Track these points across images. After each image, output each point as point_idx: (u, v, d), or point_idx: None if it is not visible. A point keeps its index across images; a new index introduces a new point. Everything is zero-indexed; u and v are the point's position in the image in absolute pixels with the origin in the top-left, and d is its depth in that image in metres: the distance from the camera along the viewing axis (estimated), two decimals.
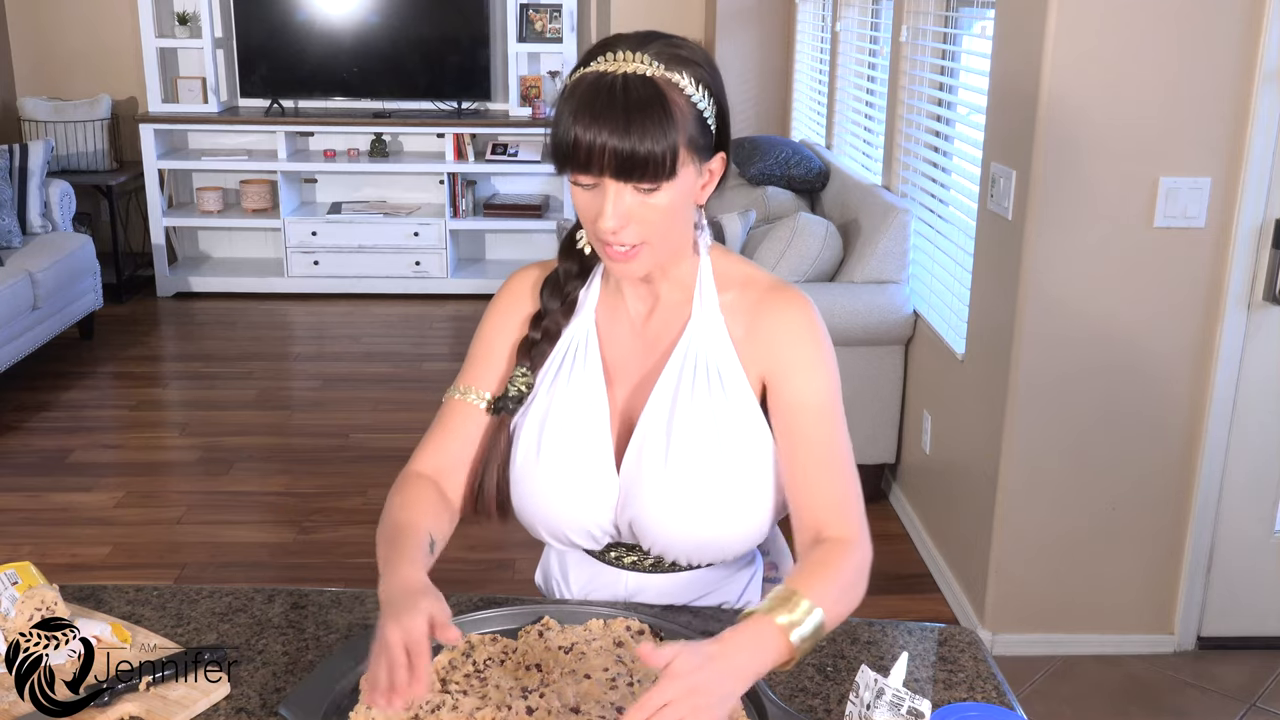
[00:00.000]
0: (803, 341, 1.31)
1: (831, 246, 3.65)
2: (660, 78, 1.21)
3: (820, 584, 1.19)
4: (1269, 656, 2.93)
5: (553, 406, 1.35)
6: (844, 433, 1.32)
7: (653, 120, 1.18)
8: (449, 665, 1.22)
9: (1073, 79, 2.57)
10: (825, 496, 1.29)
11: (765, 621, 1.14)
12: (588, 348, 1.36)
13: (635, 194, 1.21)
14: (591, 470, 1.33)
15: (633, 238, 1.23)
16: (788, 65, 5.80)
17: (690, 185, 1.25)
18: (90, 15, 6.17)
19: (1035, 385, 2.76)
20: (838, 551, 1.25)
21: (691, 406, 1.30)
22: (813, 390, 1.30)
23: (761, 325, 1.32)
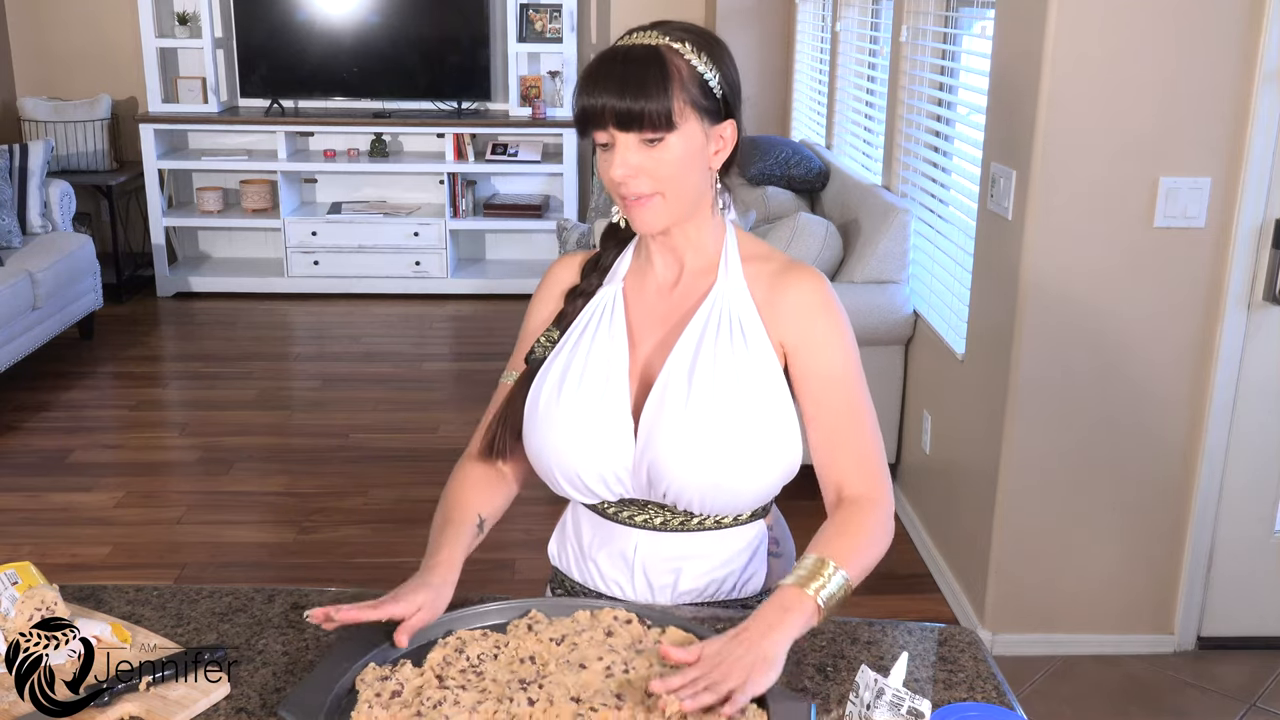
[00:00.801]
0: (820, 316, 1.40)
1: (831, 246, 3.65)
2: (662, 45, 1.34)
3: (841, 545, 1.31)
4: (1269, 656, 2.93)
5: (575, 359, 1.43)
6: (864, 396, 1.41)
7: (649, 77, 1.31)
8: (443, 662, 1.22)
9: (1073, 79, 2.57)
10: (845, 457, 1.39)
11: (787, 589, 1.25)
12: (614, 309, 1.45)
13: (641, 147, 1.32)
14: (609, 415, 1.40)
15: (645, 187, 1.34)
16: (788, 65, 5.80)
17: (698, 144, 1.35)
18: (90, 15, 6.18)
19: (1035, 385, 2.76)
20: (857, 511, 1.36)
21: (714, 355, 1.38)
22: (832, 362, 1.39)
23: (781, 298, 1.41)
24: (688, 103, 1.32)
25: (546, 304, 1.51)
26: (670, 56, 1.32)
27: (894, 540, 1.42)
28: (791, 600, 1.23)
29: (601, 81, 1.32)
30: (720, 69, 1.36)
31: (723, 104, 1.36)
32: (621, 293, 1.46)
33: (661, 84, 1.31)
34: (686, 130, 1.33)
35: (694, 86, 1.33)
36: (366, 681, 1.17)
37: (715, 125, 1.36)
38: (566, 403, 1.40)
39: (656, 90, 1.30)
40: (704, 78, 1.34)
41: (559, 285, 1.51)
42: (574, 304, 1.47)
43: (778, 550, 1.54)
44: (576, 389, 1.40)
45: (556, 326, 1.47)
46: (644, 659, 1.22)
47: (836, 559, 1.28)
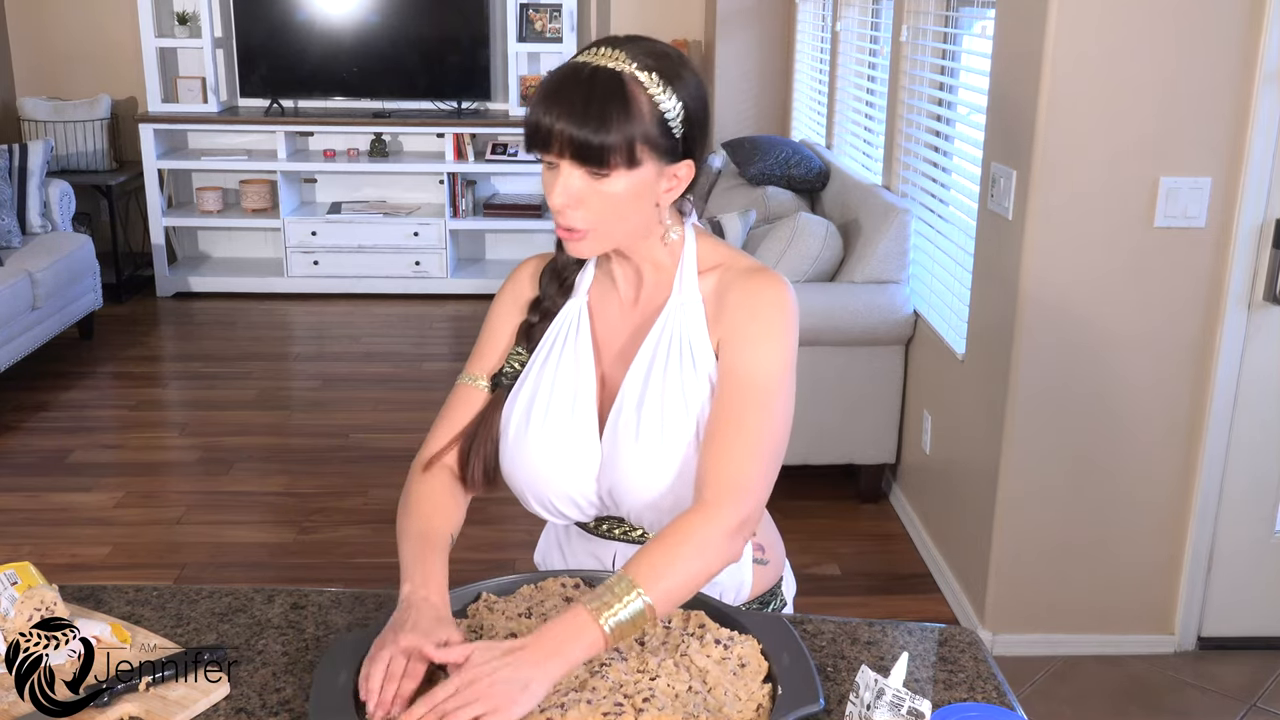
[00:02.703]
0: (760, 316, 1.34)
1: (831, 246, 3.65)
2: (628, 74, 1.27)
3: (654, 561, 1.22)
4: (1269, 656, 2.93)
5: (543, 380, 1.41)
6: (769, 408, 1.31)
7: (610, 111, 1.25)
8: None
9: (1073, 79, 2.57)
10: (716, 460, 1.29)
11: (577, 610, 1.17)
12: (579, 326, 1.42)
13: (586, 178, 1.27)
14: (576, 439, 1.38)
15: (579, 222, 1.30)
16: (788, 65, 5.79)
17: (647, 183, 1.30)
18: (90, 15, 6.17)
19: (1035, 385, 2.76)
20: (691, 521, 1.26)
21: (664, 381, 1.35)
22: (748, 362, 1.33)
23: (728, 296, 1.36)
24: (644, 141, 1.26)
25: (510, 313, 1.48)
26: (634, 89, 1.26)
27: (894, 540, 1.41)
28: (579, 628, 1.16)
29: (562, 103, 1.25)
30: (684, 102, 1.30)
31: (681, 143, 1.30)
32: (586, 308, 1.43)
33: (620, 119, 1.25)
34: (639, 170, 1.28)
35: (653, 125, 1.27)
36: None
37: (670, 164, 1.31)
38: (535, 429, 1.39)
39: (617, 125, 1.24)
40: (665, 116, 1.28)
41: (525, 293, 1.48)
42: (540, 321, 1.44)
43: (763, 557, 1.51)
44: (544, 415, 1.39)
45: (524, 342, 1.45)
46: None
47: (642, 581, 1.19)
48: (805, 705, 1.13)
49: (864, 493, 3.79)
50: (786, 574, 1.60)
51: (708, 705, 1.14)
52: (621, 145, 1.25)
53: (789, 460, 3.75)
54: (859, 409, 3.63)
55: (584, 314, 1.43)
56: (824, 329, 3.50)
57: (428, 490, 1.42)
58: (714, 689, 1.16)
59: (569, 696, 1.14)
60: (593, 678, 1.17)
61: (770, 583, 1.54)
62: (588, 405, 1.39)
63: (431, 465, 1.44)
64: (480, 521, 1.45)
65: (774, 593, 1.56)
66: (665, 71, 1.29)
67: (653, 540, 1.26)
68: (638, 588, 1.19)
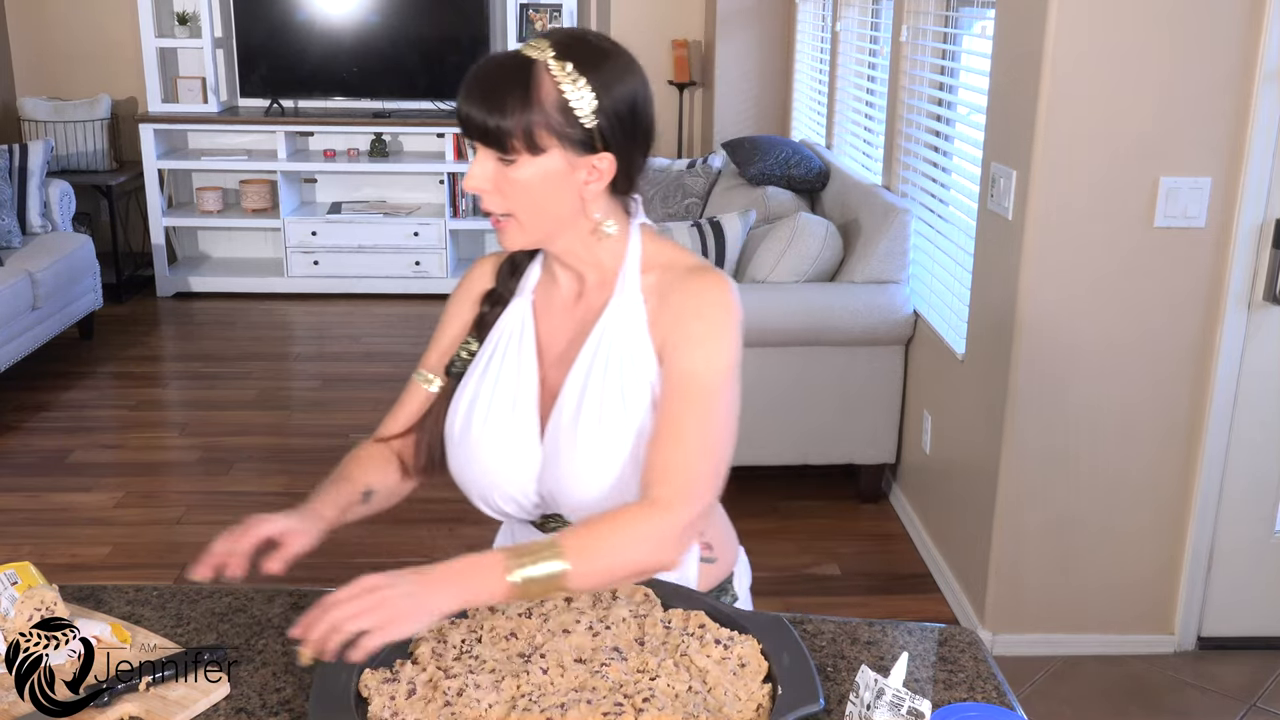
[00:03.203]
0: (703, 316, 1.34)
1: (831, 246, 3.65)
2: (541, 62, 1.29)
3: (586, 537, 1.24)
4: (1269, 656, 2.93)
5: (486, 380, 1.42)
6: (720, 415, 1.32)
7: (509, 96, 1.27)
8: (433, 654, 1.22)
9: (1073, 79, 2.57)
10: (663, 461, 1.30)
11: (494, 554, 1.21)
12: (524, 327, 1.43)
13: (497, 164, 1.30)
14: (517, 441, 1.39)
15: (496, 207, 1.32)
16: (788, 65, 5.79)
17: (559, 172, 1.30)
18: (90, 15, 6.18)
19: (1035, 385, 2.76)
20: (633, 512, 1.27)
21: (603, 384, 1.35)
22: (693, 361, 1.32)
23: (670, 299, 1.36)
24: (547, 129, 1.27)
25: (464, 309, 1.50)
26: (541, 76, 1.27)
27: (894, 540, 1.41)
28: (487, 569, 1.19)
29: (473, 90, 1.29)
30: (602, 98, 1.28)
31: (596, 135, 1.29)
32: (531, 307, 1.44)
33: (520, 105, 1.26)
34: (546, 156, 1.28)
35: (557, 113, 1.27)
36: (371, 686, 1.17)
37: (584, 155, 1.30)
38: (477, 429, 1.40)
39: (513, 110, 1.26)
40: (572, 106, 1.27)
41: (476, 289, 1.50)
42: (492, 310, 1.46)
43: (710, 555, 1.50)
44: (485, 416, 1.40)
45: (475, 333, 1.47)
46: (614, 612, 1.27)
47: (568, 549, 1.21)
48: (805, 705, 1.13)
49: (864, 493, 3.79)
50: (740, 569, 1.60)
51: (708, 705, 1.14)
52: (520, 130, 1.27)
53: (789, 460, 3.78)
54: (859, 409, 3.63)
55: (528, 315, 1.44)
56: (824, 329, 3.50)
57: (358, 454, 1.51)
58: (714, 689, 1.16)
59: (569, 696, 1.14)
60: (593, 678, 1.17)
61: (719, 579, 1.54)
62: (528, 407, 1.39)
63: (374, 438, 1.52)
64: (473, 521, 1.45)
65: (723, 588, 1.55)
66: (586, 63, 1.29)
67: (596, 517, 1.27)
68: (562, 554, 1.20)
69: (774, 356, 3.55)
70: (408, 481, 1.52)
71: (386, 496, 1.49)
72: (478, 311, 1.48)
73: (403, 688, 1.16)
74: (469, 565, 1.20)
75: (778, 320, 3.47)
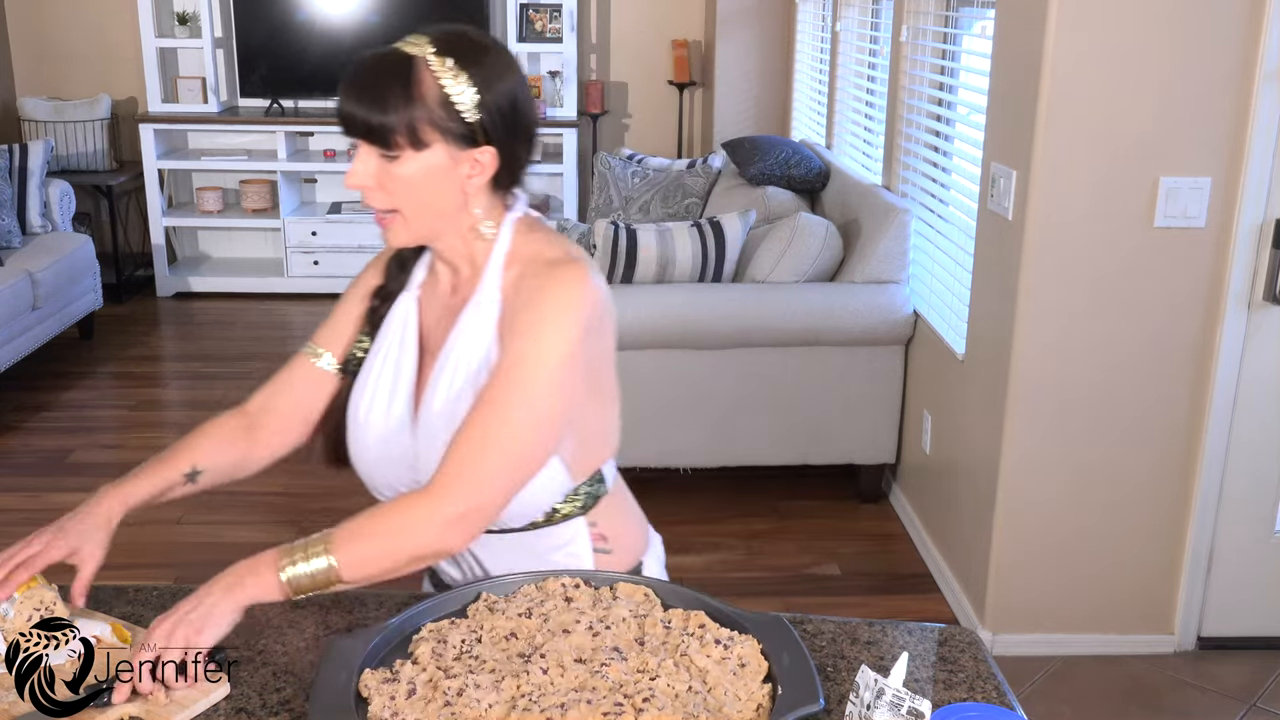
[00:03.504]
0: (535, 306, 1.33)
1: (831, 246, 3.65)
2: (420, 58, 1.31)
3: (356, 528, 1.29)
4: (1269, 656, 2.93)
5: (370, 375, 1.46)
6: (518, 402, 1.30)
7: (390, 92, 1.29)
8: (433, 654, 1.22)
9: (1073, 79, 2.57)
10: (453, 450, 1.30)
11: (267, 553, 1.27)
12: (408, 321, 1.46)
13: (380, 160, 1.32)
14: (393, 435, 1.42)
15: (380, 203, 1.34)
16: (788, 65, 5.79)
17: (442, 166, 1.32)
18: (90, 15, 6.18)
19: (1035, 385, 2.76)
20: (407, 499, 1.31)
21: (453, 379, 1.38)
22: (513, 354, 1.32)
23: (520, 291, 1.36)
24: (430, 124, 1.29)
25: (354, 302, 1.52)
26: (422, 72, 1.29)
27: (894, 540, 1.41)
28: (260, 569, 1.26)
29: (352, 87, 1.31)
30: (483, 92, 1.30)
31: (479, 129, 1.31)
32: (416, 302, 1.47)
33: (402, 100, 1.28)
34: (429, 151, 1.30)
35: (439, 108, 1.29)
36: (372, 686, 1.17)
37: (466, 150, 1.32)
38: (362, 422, 1.44)
39: (395, 106, 1.28)
40: (453, 100, 1.29)
41: (369, 283, 1.52)
42: (381, 305, 1.49)
43: (605, 546, 1.50)
44: (368, 411, 1.44)
45: (368, 329, 1.49)
46: (615, 612, 1.27)
47: (337, 544, 1.26)
48: (805, 705, 1.13)
49: (864, 493, 3.79)
50: (650, 558, 1.58)
51: (708, 705, 1.14)
52: (402, 125, 1.28)
53: (789, 460, 3.78)
54: (859, 409, 3.63)
55: (413, 310, 1.47)
56: (824, 329, 3.50)
57: (203, 427, 1.54)
58: (714, 689, 1.16)
59: (569, 696, 1.14)
60: (593, 678, 1.17)
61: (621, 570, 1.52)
62: (404, 402, 1.42)
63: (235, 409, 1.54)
64: None
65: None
66: (467, 59, 1.31)
67: (370, 509, 1.31)
68: (330, 550, 1.26)
69: (774, 356, 3.55)
70: (254, 459, 1.53)
71: (220, 475, 1.53)
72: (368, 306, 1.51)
73: (403, 688, 1.16)
74: (247, 568, 1.26)
75: (778, 320, 3.47)
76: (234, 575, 1.26)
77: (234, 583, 1.25)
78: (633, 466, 3.71)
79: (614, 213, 4.95)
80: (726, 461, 3.68)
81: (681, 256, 3.65)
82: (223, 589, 1.25)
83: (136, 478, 1.46)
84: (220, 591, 1.25)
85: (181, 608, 1.24)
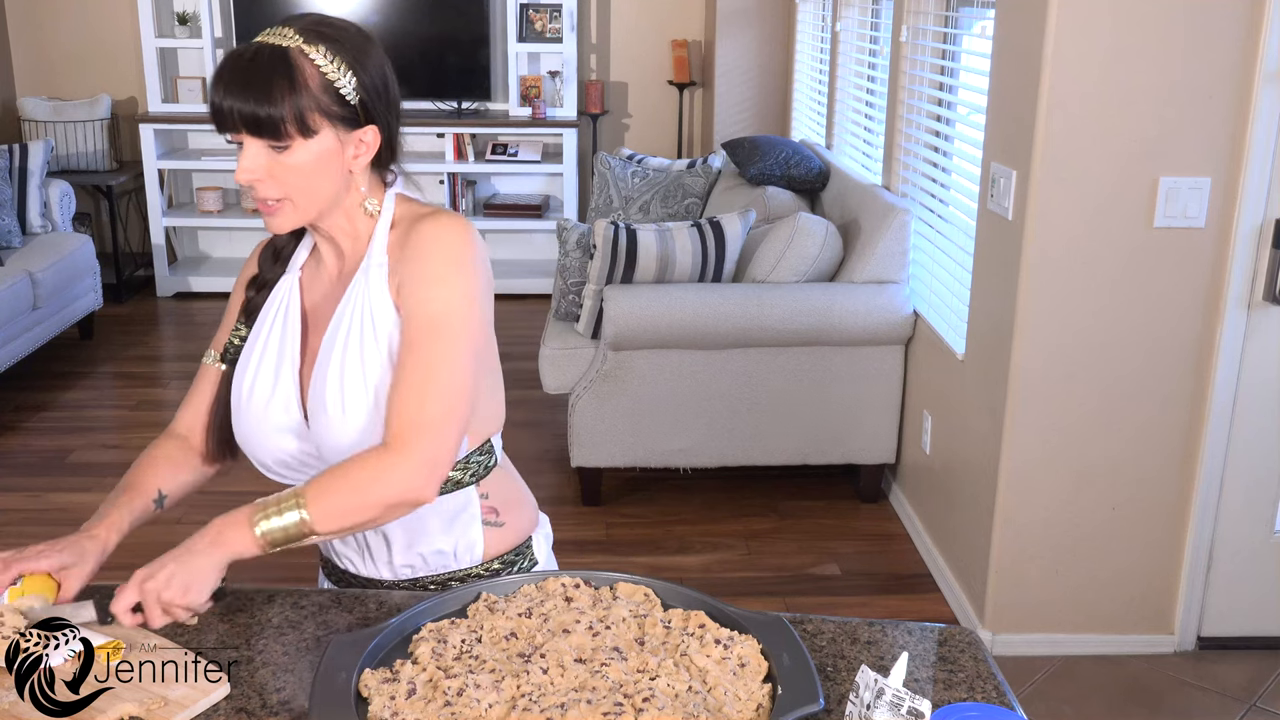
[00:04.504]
0: (430, 256, 1.37)
1: (831, 246, 3.65)
2: (294, 49, 1.33)
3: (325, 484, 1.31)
4: (1269, 656, 2.93)
5: (253, 355, 1.48)
6: (449, 348, 1.35)
7: (274, 84, 1.31)
8: (433, 654, 1.22)
9: (1073, 79, 2.57)
10: (399, 405, 1.34)
11: (241, 510, 1.32)
12: (290, 300, 1.49)
13: (269, 152, 1.33)
14: (280, 409, 1.45)
15: (273, 192, 1.35)
16: (788, 65, 5.80)
17: (331, 151, 1.36)
18: (90, 15, 6.18)
19: (1035, 385, 2.76)
20: (368, 454, 1.33)
21: (346, 343, 1.40)
22: (424, 303, 1.36)
23: (406, 244, 1.40)
24: (317, 110, 1.33)
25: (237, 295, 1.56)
26: (300, 61, 1.32)
27: (894, 540, 1.41)
28: (237, 525, 1.30)
29: (228, 83, 1.31)
30: (358, 73, 1.35)
31: (360, 109, 1.36)
32: (298, 282, 1.50)
33: (288, 91, 1.31)
34: (319, 137, 1.34)
35: (324, 94, 1.33)
36: (372, 686, 1.17)
37: (352, 131, 1.37)
38: (247, 400, 1.46)
39: (282, 97, 1.30)
40: (335, 85, 1.34)
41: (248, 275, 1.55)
42: (257, 295, 1.51)
43: (496, 520, 1.53)
44: (252, 388, 1.46)
45: (244, 319, 1.52)
46: (614, 612, 1.27)
47: (308, 498, 1.29)
48: (805, 705, 1.13)
49: (864, 493, 3.79)
50: (539, 535, 1.62)
51: (708, 705, 1.14)
52: (291, 116, 1.31)
53: (789, 460, 3.77)
54: (859, 409, 3.63)
55: (294, 289, 1.49)
56: (824, 329, 3.50)
57: (151, 453, 1.53)
58: (714, 689, 1.16)
59: (569, 696, 1.14)
60: (593, 678, 1.17)
61: (511, 544, 1.56)
62: (290, 376, 1.45)
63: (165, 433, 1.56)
64: None
65: (520, 552, 1.57)
66: (333, 43, 1.35)
67: (339, 463, 1.34)
68: (302, 503, 1.29)
69: (774, 356, 3.56)
70: (204, 470, 1.56)
71: (181, 492, 1.54)
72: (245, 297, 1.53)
73: (403, 688, 1.16)
74: (223, 524, 1.31)
75: (778, 320, 3.48)
76: (214, 532, 1.31)
77: (214, 539, 1.30)
78: (633, 466, 3.71)
79: (614, 213, 4.95)
80: (726, 461, 3.68)
81: (681, 256, 3.65)
82: (206, 545, 1.29)
83: (118, 507, 1.47)
84: (205, 549, 1.29)
85: (166, 566, 1.27)
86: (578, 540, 3.51)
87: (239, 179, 1.34)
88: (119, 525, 1.44)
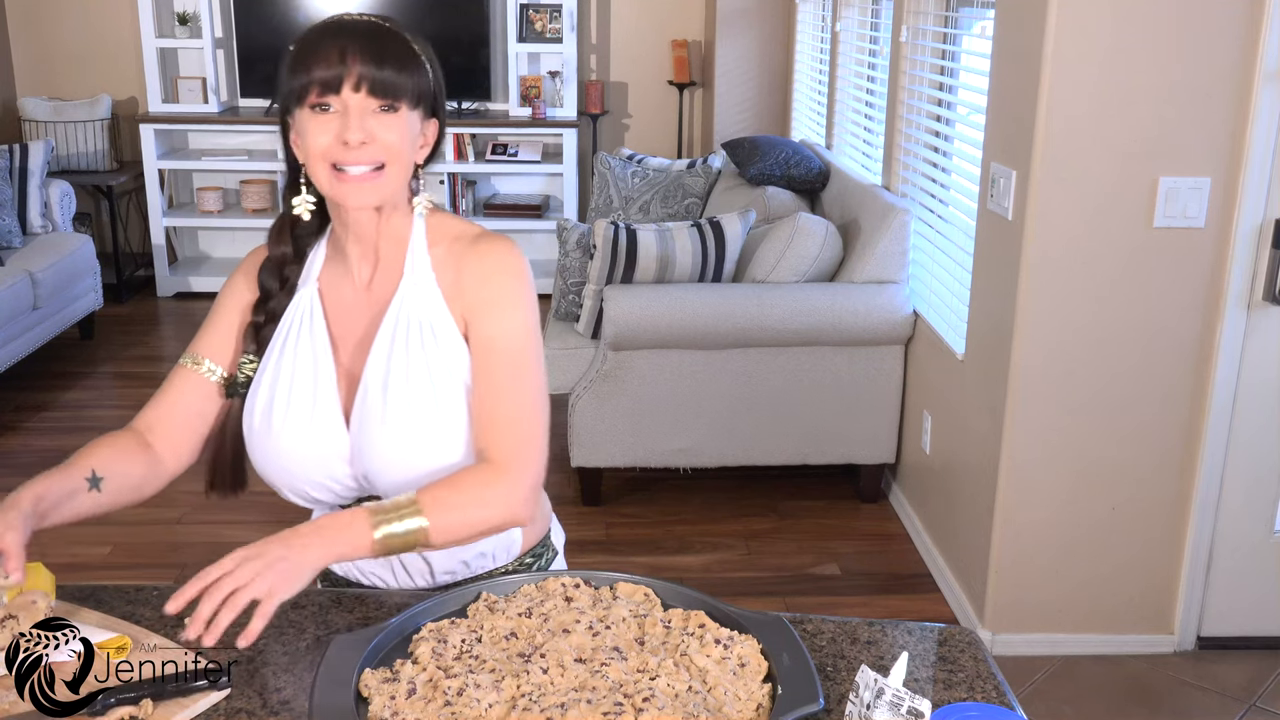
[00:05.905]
0: (495, 280, 1.39)
1: (831, 246, 3.65)
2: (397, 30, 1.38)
3: (440, 494, 1.30)
4: (1269, 656, 2.93)
5: (280, 374, 1.42)
6: (532, 368, 1.39)
7: (403, 50, 1.35)
8: (433, 653, 1.22)
9: (1073, 79, 2.57)
10: (495, 424, 1.36)
11: (358, 511, 1.28)
12: (313, 316, 1.44)
13: (378, 114, 1.33)
14: (322, 430, 1.40)
15: (379, 155, 1.33)
16: (788, 65, 5.80)
17: (416, 132, 1.38)
18: (90, 15, 6.18)
19: (1035, 385, 2.76)
20: (479, 472, 1.34)
21: (406, 361, 1.38)
22: (502, 325, 1.39)
23: (465, 269, 1.40)
24: (424, 89, 1.37)
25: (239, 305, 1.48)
26: (409, 40, 1.37)
27: (894, 540, 1.42)
28: (354, 525, 1.26)
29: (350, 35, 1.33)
30: (436, 68, 1.40)
31: (435, 101, 1.40)
32: (318, 294, 1.45)
33: (410, 59, 1.35)
34: (414, 114, 1.36)
35: (422, 76, 1.37)
36: (372, 686, 1.17)
37: (427, 120, 1.40)
38: (279, 425, 1.41)
39: (409, 63, 1.34)
40: (431, 71, 1.39)
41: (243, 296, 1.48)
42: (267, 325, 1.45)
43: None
44: (285, 411, 1.41)
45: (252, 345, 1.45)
46: (614, 611, 1.28)
47: (427, 508, 1.28)
48: (805, 705, 1.13)
49: (864, 493, 3.79)
50: (555, 526, 1.63)
51: (708, 705, 1.14)
52: (410, 82, 1.34)
53: (789, 460, 3.78)
54: (859, 409, 3.63)
55: (316, 303, 1.44)
56: (824, 329, 3.50)
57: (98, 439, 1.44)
58: (714, 689, 1.16)
59: (569, 696, 1.14)
60: (593, 678, 1.17)
61: (537, 537, 1.57)
62: (329, 395, 1.41)
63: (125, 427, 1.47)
64: None
65: (545, 544, 1.58)
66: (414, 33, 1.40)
67: (447, 478, 1.32)
68: (421, 512, 1.27)
69: (774, 356, 3.56)
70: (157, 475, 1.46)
71: (125, 488, 1.41)
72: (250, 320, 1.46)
73: (403, 688, 1.16)
74: (336, 522, 1.26)
75: (778, 320, 3.48)
76: (328, 531, 1.25)
77: (322, 537, 1.24)
78: (633, 466, 3.71)
79: (614, 213, 4.95)
80: (726, 461, 3.68)
81: (681, 256, 3.65)
82: (320, 543, 1.24)
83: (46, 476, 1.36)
84: (307, 545, 1.23)
85: (270, 550, 1.21)
86: (578, 540, 3.51)
87: (352, 137, 1.31)
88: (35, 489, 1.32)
